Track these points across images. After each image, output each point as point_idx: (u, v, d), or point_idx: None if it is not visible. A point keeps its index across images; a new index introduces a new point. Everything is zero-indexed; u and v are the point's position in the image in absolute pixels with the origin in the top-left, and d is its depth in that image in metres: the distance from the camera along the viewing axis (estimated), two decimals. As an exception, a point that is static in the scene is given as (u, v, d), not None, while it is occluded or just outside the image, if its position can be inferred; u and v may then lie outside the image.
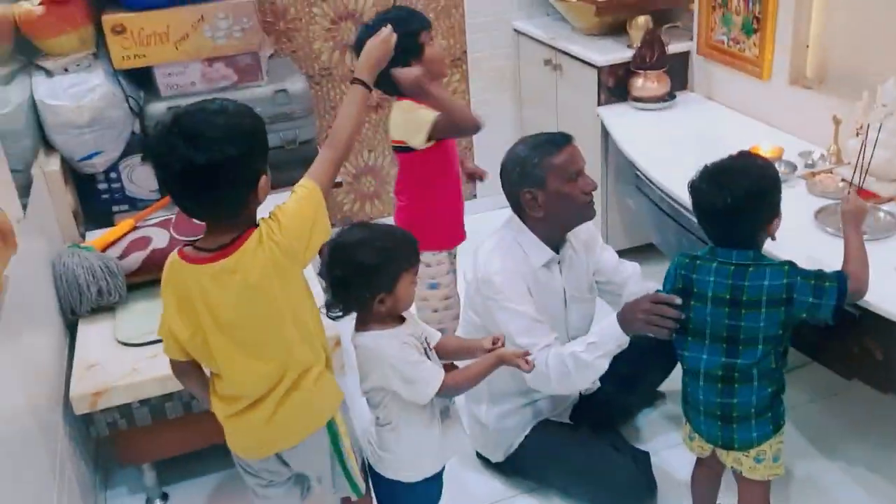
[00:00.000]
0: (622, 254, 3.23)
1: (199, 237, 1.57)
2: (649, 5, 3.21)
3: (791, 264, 1.75)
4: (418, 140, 2.26)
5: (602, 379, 2.08)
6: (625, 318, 1.93)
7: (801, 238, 2.06)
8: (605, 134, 3.04)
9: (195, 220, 1.56)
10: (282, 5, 3.42)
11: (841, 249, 1.82)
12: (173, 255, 1.57)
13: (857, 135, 2.25)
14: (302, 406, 1.64)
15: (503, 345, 1.80)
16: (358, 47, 2.05)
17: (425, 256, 2.23)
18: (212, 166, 1.42)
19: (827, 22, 2.55)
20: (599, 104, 3.13)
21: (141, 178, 2.86)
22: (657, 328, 1.83)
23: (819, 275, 1.73)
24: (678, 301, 1.80)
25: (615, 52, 3.14)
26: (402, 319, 1.79)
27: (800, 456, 2.37)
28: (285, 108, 2.93)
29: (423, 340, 1.79)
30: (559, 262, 2.14)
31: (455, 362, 1.99)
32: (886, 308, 1.74)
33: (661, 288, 1.91)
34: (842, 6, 2.49)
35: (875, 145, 2.14)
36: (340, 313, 1.78)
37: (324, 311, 1.76)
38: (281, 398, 1.61)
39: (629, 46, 3.17)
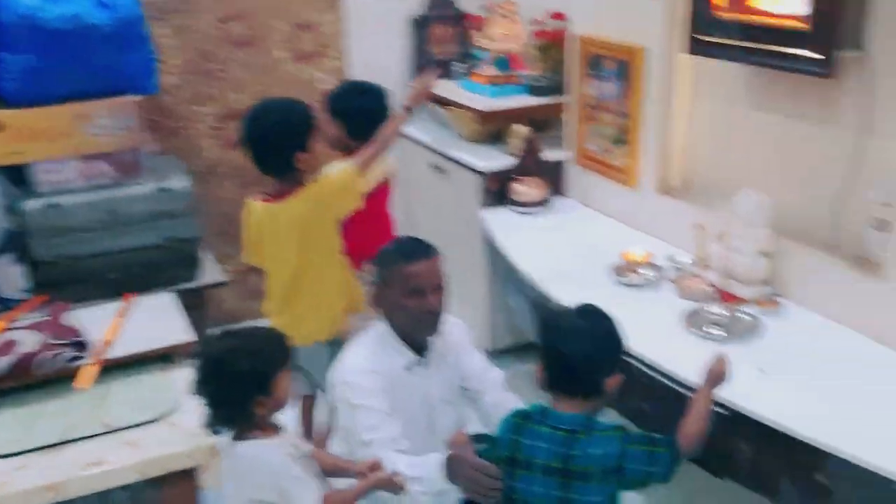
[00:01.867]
0: (506, 352, 3.28)
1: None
2: (528, 115, 3.38)
3: (623, 430, 1.73)
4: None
5: None
6: (450, 469, 1.79)
7: (670, 340, 2.16)
8: (489, 235, 3.14)
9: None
10: (167, 104, 3.41)
11: (706, 352, 1.91)
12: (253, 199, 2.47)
13: (720, 241, 2.41)
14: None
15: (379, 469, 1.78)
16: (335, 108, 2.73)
17: None
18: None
19: (688, 136, 2.76)
20: (482, 207, 3.24)
21: (12, 277, 2.72)
22: (480, 496, 1.74)
23: (650, 440, 1.74)
24: (494, 472, 1.71)
25: (497, 159, 3.28)
26: (278, 429, 1.75)
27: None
28: (167, 205, 2.88)
29: (304, 454, 1.75)
30: (423, 366, 2.06)
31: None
32: (753, 409, 1.84)
33: (495, 436, 1.83)
34: (701, 123, 2.70)
35: (736, 252, 2.31)
36: (222, 427, 1.72)
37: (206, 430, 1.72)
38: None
39: (509, 153, 3.32)
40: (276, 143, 2.35)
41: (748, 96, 2.49)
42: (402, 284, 1.97)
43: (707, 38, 2.40)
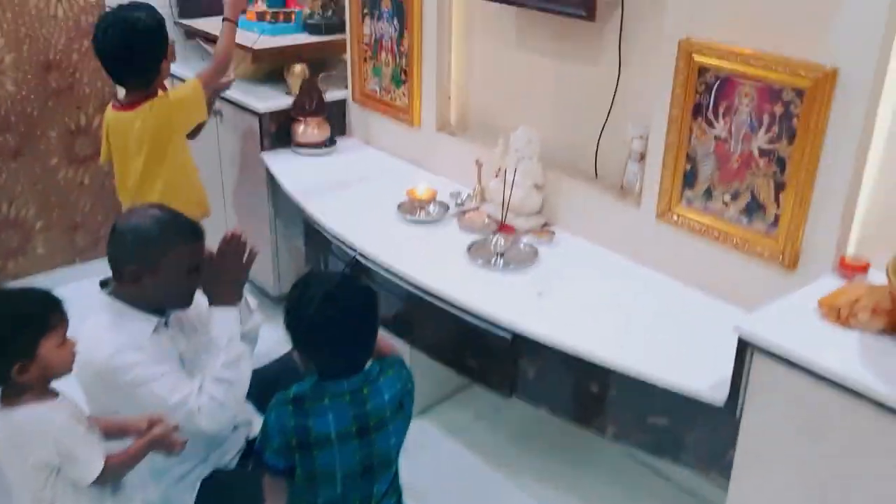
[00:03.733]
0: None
1: None
2: (304, 54, 3.31)
3: (402, 365, 1.83)
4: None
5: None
6: (215, 293, 1.95)
7: (455, 271, 2.26)
8: (271, 178, 3.07)
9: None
10: None
11: (489, 280, 2.02)
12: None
13: (496, 176, 2.53)
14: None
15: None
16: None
17: None
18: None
19: (465, 75, 2.84)
20: (263, 150, 3.15)
21: None
22: (247, 265, 1.95)
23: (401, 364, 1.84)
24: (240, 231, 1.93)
25: (275, 99, 3.19)
26: (55, 394, 1.65)
27: (472, 471, 2.58)
28: None
29: (85, 416, 1.66)
30: (169, 327, 1.99)
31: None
32: (533, 331, 1.98)
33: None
34: (476, 63, 2.79)
35: (512, 185, 2.44)
36: None
37: None
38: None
39: (288, 93, 3.24)
40: (140, 52, 2.46)
41: (519, 37, 2.60)
42: (182, 265, 1.91)
43: (479, -21, 2.47)
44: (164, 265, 1.88)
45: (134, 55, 2.47)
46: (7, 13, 3.20)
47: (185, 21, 3.58)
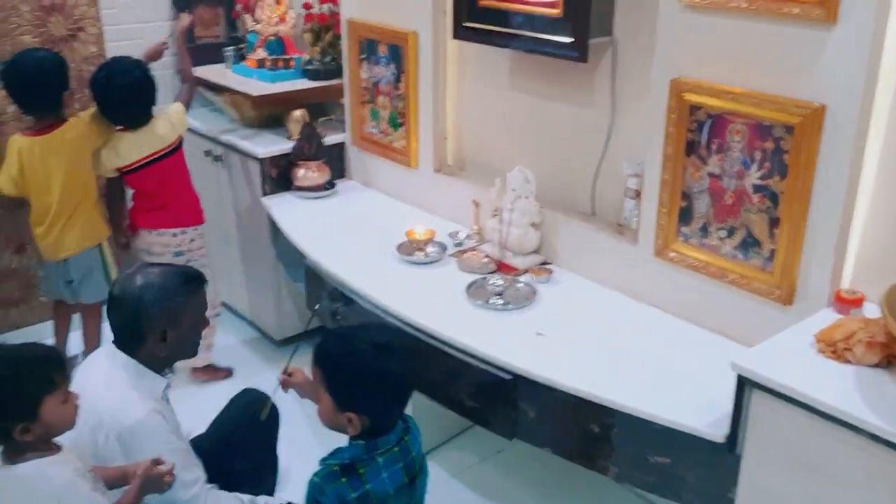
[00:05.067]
0: (298, 338, 3.29)
1: None
2: (304, 99, 3.36)
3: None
4: (184, 119, 2.98)
5: None
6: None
7: (455, 311, 2.27)
8: (272, 222, 3.10)
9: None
10: None
11: (488, 320, 2.02)
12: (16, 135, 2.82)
13: (494, 216, 2.55)
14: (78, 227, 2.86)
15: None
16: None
17: (191, 232, 3.01)
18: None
19: (461, 117, 2.88)
20: (264, 194, 3.19)
21: None
22: None
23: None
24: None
25: (276, 144, 3.23)
26: (58, 447, 1.64)
27: (475, 513, 2.57)
28: None
29: (88, 469, 1.65)
30: (170, 387, 1.98)
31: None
32: (533, 371, 1.98)
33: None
34: (471, 104, 2.83)
35: (509, 225, 2.46)
36: None
37: None
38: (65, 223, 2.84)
39: (288, 138, 3.28)
40: (46, 84, 2.76)
41: (512, 79, 2.64)
42: (199, 310, 1.94)
43: (472, 25, 2.52)
44: (186, 317, 1.89)
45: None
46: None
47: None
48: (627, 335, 2.13)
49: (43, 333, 3.23)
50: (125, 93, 2.79)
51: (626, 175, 2.31)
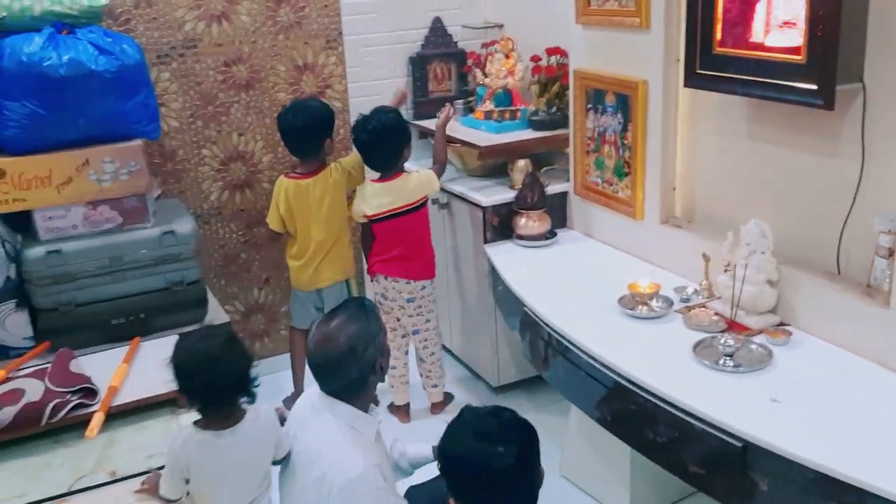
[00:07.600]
0: (513, 386, 3.30)
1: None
2: (528, 150, 3.40)
3: None
4: (437, 186, 3.22)
5: None
6: None
7: (680, 371, 2.15)
8: (493, 269, 3.14)
9: None
10: (170, 147, 3.43)
11: (717, 383, 1.89)
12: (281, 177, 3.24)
13: (726, 271, 2.41)
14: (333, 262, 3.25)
15: None
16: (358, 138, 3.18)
17: (428, 286, 3.25)
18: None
19: (691, 167, 2.77)
20: (486, 242, 3.25)
21: (14, 325, 2.71)
22: None
23: None
24: None
25: (499, 193, 3.29)
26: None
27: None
28: (172, 249, 2.88)
29: None
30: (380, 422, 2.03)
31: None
32: (766, 440, 1.82)
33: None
34: (703, 154, 2.71)
35: (743, 281, 2.31)
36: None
37: None
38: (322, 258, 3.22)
39: (511, 187, 3.33)
40: (314, 130, 3.13)
41: (748, 128, 2.51)
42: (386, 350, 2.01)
43: (706, 72, 2.42)
44: (382, 336, 1.96)
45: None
46: (266, 119, 3.59)
47: (417, 122, 3.85)
48: (876, 408, 1.91)
49: (282, 364, 3.57)
50: (380, 132, 3.08)
51: (877, 231, 2.09)
